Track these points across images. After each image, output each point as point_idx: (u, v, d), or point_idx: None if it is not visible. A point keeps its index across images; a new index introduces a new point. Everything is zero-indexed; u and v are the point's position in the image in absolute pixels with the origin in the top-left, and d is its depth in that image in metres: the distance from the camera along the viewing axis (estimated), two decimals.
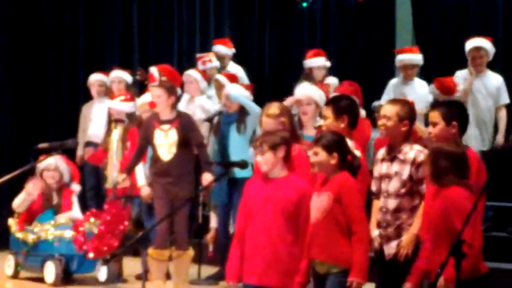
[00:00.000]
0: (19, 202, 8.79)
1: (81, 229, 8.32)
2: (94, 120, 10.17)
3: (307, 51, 10.14)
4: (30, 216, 8.76)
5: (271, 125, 6.41)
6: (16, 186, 8.68)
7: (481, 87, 8.76)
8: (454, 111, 5.65)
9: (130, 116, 8.90)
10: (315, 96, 7.30)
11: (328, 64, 9.96)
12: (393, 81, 9.30)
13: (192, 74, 9.55)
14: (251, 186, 5.70)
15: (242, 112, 8.47)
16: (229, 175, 8.11)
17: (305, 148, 6.21)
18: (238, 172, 7.69)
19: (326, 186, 5.45)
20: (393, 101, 6.15)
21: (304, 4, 11.77)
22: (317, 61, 9.87)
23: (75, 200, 8.91)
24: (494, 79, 8.87)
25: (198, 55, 10.58)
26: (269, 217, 5.51)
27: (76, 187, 9.00)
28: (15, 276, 8.76)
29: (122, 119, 8.83)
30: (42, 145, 7.58)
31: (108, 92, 10.19)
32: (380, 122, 5.88)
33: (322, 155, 5.46)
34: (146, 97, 8.79)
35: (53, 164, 8.77)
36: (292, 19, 12.50)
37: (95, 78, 10.30)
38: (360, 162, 5.60)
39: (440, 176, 5.16)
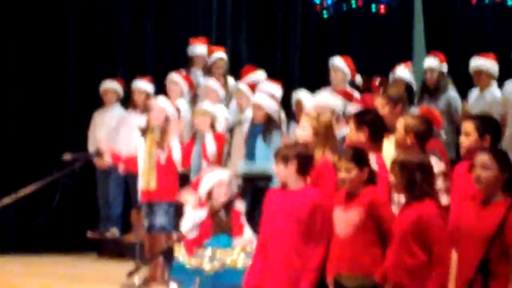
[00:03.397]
0: (189, 223, 7.48)
1: None
2: (107, 127, 10.08)
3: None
4: (198, 240, 7.38)
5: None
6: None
7: (479, 105, 8.55)
8: (489, 125, 5.66)
9: None
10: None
11: None
12: None
13: (174, 78, 9.50)
14: (270, 196, 5.76)
15: (269, 122, 8.37)
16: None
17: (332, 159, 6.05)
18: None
19: (355, 202, 5.41)
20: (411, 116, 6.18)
21: (325, 15, 11.69)
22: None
23: (244, 221, 7.54)
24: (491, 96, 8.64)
25: None
26: (282, 228, 5.57)
27: (240, 207, 7.60)
28: None
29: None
30: (67, 157, 7.47)
31: (119, 99, 10.20)
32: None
33: (354, 172, 5.43)
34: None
35: (226, 180, 7.57)
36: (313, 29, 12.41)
37: (107, 85, 10.24)
38: (376, 174, 5.56)
39: (413, 188, 5.16)
